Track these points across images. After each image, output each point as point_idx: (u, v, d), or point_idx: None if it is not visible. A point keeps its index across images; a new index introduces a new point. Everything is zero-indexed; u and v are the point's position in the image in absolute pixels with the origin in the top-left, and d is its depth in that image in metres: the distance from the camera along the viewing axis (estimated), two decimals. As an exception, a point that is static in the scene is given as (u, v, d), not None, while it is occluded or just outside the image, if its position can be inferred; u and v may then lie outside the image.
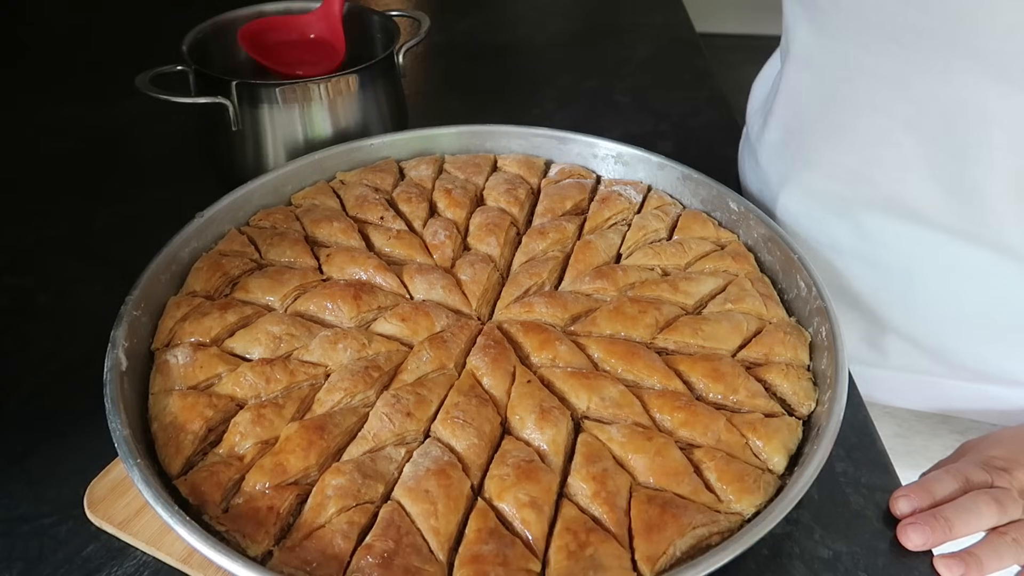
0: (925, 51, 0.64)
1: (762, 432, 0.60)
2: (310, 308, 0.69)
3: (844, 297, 0.82)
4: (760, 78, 1.00)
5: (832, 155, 0.77)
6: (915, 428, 0.91)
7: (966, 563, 0.60)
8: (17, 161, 1.03)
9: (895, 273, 0.78)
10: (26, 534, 0.60)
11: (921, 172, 0.70)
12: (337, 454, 0.59)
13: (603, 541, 0.52)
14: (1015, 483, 0.64)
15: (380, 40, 0.97)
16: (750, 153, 0.93)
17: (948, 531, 0.60)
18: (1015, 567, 0.62)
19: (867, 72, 0.69)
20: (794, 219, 0.83)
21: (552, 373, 0.64)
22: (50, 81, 1.21)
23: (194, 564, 0.57)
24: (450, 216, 0.80)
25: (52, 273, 0.85)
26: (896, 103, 0.68)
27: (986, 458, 0.66)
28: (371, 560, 0.51)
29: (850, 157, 0.75)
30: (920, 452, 0.88)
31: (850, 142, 0.74)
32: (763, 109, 0.91)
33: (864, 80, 0.70)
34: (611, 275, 0.73)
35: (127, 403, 0.59)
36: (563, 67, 1.31)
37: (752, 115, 0.96)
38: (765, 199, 0.89)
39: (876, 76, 0.69)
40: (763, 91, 0.95)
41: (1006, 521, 0.61)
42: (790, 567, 0.59)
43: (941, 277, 0.75)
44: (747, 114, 0.99)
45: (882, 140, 0.71)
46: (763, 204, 0.88)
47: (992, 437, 0.70)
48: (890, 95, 0.69)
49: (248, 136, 0.88)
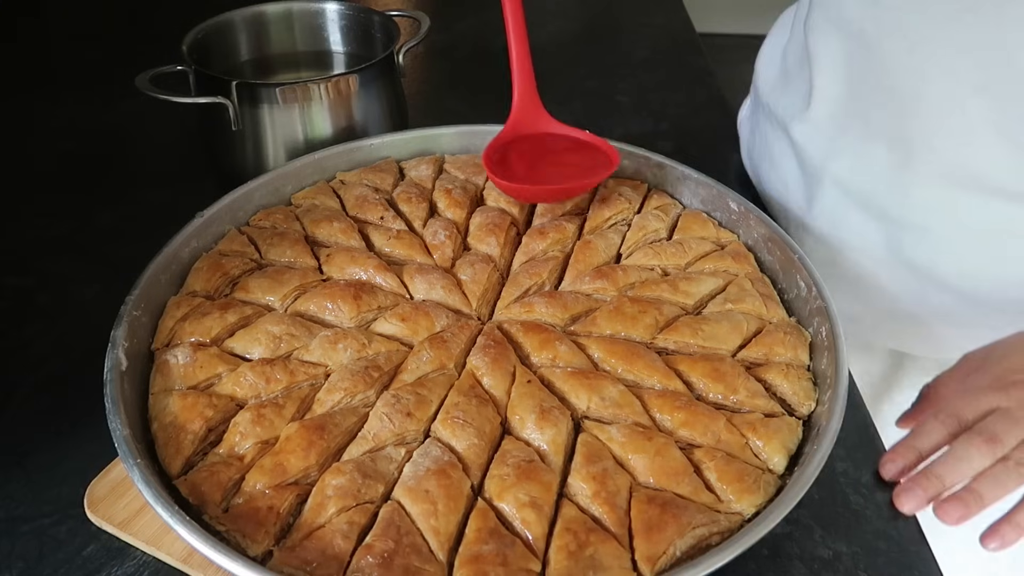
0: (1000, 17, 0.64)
1: (762, 432, 0.60)
2: (310, 308, 0.69)
3: (886, 267, 0.81)
4: (767, 53, 0.99)
5: (892, 124, 0.76)
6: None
7: (965, 502, 0.58)
8: (17, 161, 1.03)
9: (944, 242, 0.77)
10: (26, 534, 0.60)
11: (989, 138, 0.69)
12: (337, 454, 0.59)
13: (603, 541, 0.52)
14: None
15: (380, 40, 0.97)
16: (774, 130, 0.92)
17: (940, 487, 0.59)
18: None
19: (932, 41, 0.69)
20: (843, 190, 0.82)
21: (552, 373, 0.64)
22: (50, 81, 1.21)
23: (194, 564, 0.57)
24: (450, 216, 0.80)
25: (52, 273, 0.85)
26: (964, 70, 0.68)
27: (999, 372, 0.64)
28: (371, 560, 0.51)
29: (912, 125, 0.74)
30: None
31: (913, 111, 0.73)
32: (788, 85, 0.90)
33: (928, 48, 0.69)
34: (611, 275, 0.73)
35: (127, 403, 0.59)
36: (563, 67, 1.31)
37: (769, 92, 0.94)
38: (793, 177, 0.88)
39: (942, 44, 0.68)
40: (775, 66, 0.94)
41: (1003, 453, 0.60)
42: (790, 567, 0.59)
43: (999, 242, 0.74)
44: (760, 93, 0.97)
45: (948, 107, 0.70)
46: (788, 183, 0.89)
47: (1001, 345, 0.67)
48: (958, 62, 0.68)
49: (248, 136, 0.88)
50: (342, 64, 1.01)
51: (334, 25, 1.00)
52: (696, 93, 1.22)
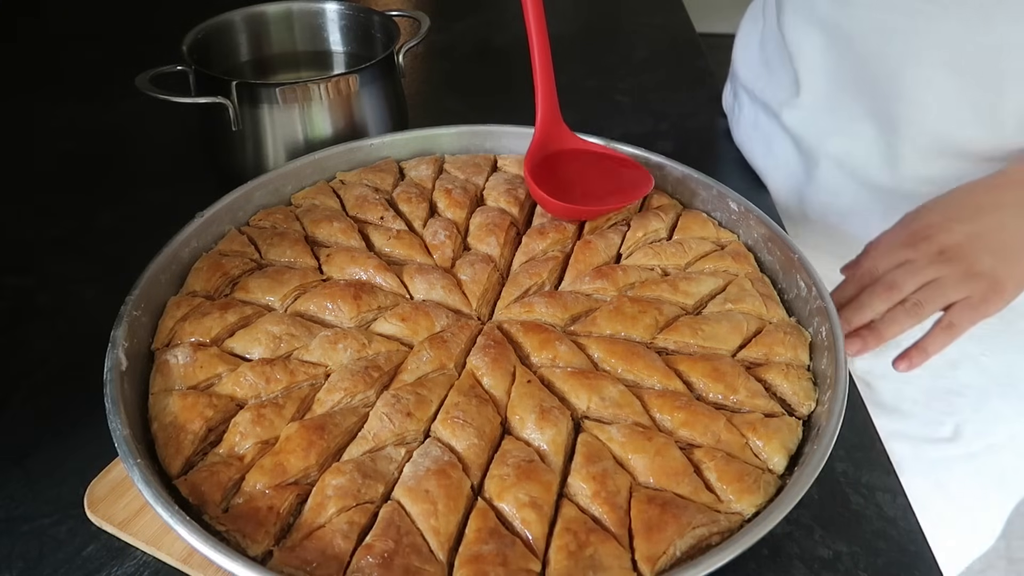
0: (960, 5, 0.73)
1: (762, 432, 0.60)
2: (310, 308, 0.69)
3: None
4: (742, 42, 1.05)
5: (877, 105, 0.83)
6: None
7: (863, 338, 0.69)
8: (17, 161, 1.03)
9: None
10: (26, 534, 0.60)
11: (964, 112, 0.78)
12: (337, 454, 0.59)
13: (603, 541, 0.52)
14: (933, 248, 0.71)
15: (380, 40, 0.97)
16: (764, 115, 0.98)
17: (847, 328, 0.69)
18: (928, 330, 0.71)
19: (904, 31, 0.77)
20: (839, 165, 0.90)
21: (552, 373, 0.64)
22: (50, 81, 1.21)
23: (194, 564, 0.57)
24: (450, 216, 0.80)
25: (52, 273, 0.85)
26: (936, 54, 0.76)
27: (915, 228, 0.73)
28: (371, 560, 0.51)
29: (895, 105, 0.81)
30: None
31: (895, 94, 0.81)
32: (772, 75, 0.96)
33: (901, 38, 0.77)
34: (611, 275, 0.73)
35: (127, 403, 0.59)
36: (563, 67, 1.31)
37: (754, 81, 1.00)
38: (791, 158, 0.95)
39: (913, 33, 0.76)
40: (755, 56, 1.00)
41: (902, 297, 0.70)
42: (790, 567, 0.60)
43: None
44: (741, 79, 1.03)
45: (925, 88, 0.78)
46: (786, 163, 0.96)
47: (926, 205, 0.75)
48: (929, 48, 0.76)
49: (248, 136, 0.88)
50: (342, 64, 1.01)
51: (334, 25, 1.00)
52: (696, 93, 1.22)
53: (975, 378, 0.95)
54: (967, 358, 0.94)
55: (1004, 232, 0.71)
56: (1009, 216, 0.71)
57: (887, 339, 0.70)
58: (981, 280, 0.70)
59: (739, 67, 1.05)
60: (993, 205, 0.72)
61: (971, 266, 0.70)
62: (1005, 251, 0.70)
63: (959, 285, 0.69)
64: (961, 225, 0.71)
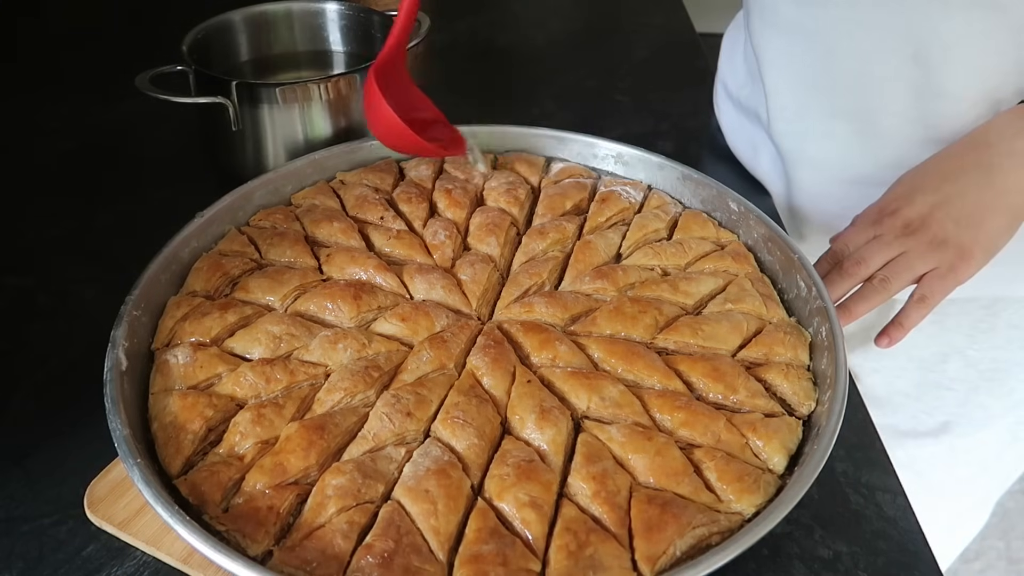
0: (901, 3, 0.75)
1: (762, 432, 0.60)
2: (310, 308, 0.69)
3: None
4: (727, 49, 1.07)
5: (845, 101, 0.84)
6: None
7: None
8: (17, 161, 1.03)
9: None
10: (26, 534, 0.60)
11: (930, 99, 0.78)
12: (337, 454, 0.59)
13: (603, 541, 0.52)
14: (898, 222, 0.72)
15: (380, 40, 0.97)
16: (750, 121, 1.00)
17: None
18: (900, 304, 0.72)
19: (866, 26, 0.78)
20: (818, 168, 0.91)
21: (552, 373, 0.64)
22: (50, 81, 1.21)
23: (194, 564, 0.57)
24: (450, 216, 0.80)
25: (52, 273, 0.85)
26: (898, 45, 0.77)
27: (881, 204, 0.74)
28: (371, 560, 0.51)
29: (864, 98, 0.82)
30: None
31: (863, 87, 0.82)
32: (754, 83, 0.97)
33: (863, 33, 0.79)
34: (611, 275, 0.73)
35: (127, 403, 0.59)
36: (563, 67, 1.31)
37: (739, 90, 1.02)
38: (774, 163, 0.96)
39: (875, 27, 0.78)
40: (739, 65, 1.02)
41: (870, 273, 0.71)
42: (790, 567, 0.60)
43: None
44: (728, 88, 1.05)
45: (892, 79, 0.79)
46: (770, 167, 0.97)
47: (899, 179, 0.76)
48: (891, 40, 0.77)
49: (248, 136, 0.88)
50: (342, 64, 1.01)
51: (334, 25, 1.00)
52: (696, 93, 1.22)
53: (963, 372, 0.96)
54: (956, 352, 0.95)
55: (965, 199, 0.71)
56: (971, 182, 0.71)
57: (857, 316, 0.70)
58: (947, 249, 0.70)
59: (726, 76, 1.06)
60: (956, 171, 0.73)
61: (935, 236, 0.70)
62: (967, 217, 0.70)
63: (925, 256, 0.70)
64: (924, 196, 0.72)
